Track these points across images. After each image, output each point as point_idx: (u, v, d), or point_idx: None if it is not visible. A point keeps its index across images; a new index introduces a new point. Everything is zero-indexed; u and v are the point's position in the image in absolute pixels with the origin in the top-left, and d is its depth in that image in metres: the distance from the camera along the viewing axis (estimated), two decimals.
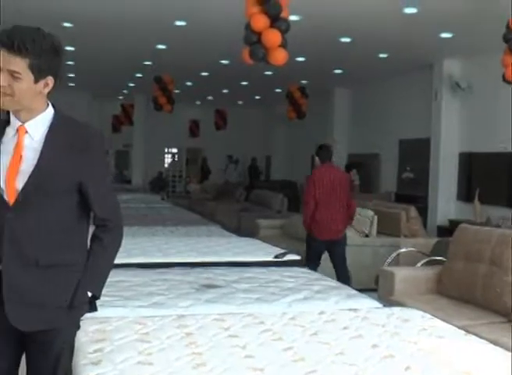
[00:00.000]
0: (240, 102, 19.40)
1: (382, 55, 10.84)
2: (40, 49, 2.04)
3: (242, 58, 5.59)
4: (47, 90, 2.14)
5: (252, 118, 20.50)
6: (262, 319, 3.23)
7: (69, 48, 10.15)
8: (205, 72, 13.34)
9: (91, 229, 2.31)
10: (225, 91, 16.71)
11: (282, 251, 5.51)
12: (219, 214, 11.71)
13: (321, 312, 3.48)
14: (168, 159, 22.05)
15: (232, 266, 4.86)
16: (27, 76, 2.05)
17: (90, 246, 2.26)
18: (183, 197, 17.00)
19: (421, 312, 3.61)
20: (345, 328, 3.18)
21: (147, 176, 18.83)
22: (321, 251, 6.21)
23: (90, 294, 2.23)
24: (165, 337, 2.83)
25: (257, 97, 18.16)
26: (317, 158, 6.34)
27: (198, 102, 19.84)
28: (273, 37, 5.15)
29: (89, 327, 2.89)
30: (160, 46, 10.57)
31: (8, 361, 2.27)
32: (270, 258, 5.22)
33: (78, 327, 2.33)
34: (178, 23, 8.80)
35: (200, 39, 9.82)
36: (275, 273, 4.61)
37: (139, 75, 14.02)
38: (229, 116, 19.25)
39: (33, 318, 2.14)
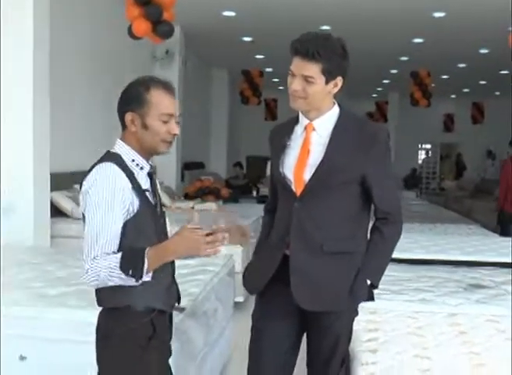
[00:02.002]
0: (497, 93, 18.16)
1: None
2: (331, 53, 2.17)
3: (505, 46, 5.25)
4: (335, 90, 2.26)
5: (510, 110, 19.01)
6: None
7: None
8: (462, 63, 12.78)
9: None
10: (482, 82, 15.82)
11: None
12: (476, 212, 11.19)
13: None
14: (421, 155, 21.60)
15: (497, 266, 4.61)
16: (319, 80, 2.19)
17: (371, 237, 2.34)
18: (437, 194, 16.52)
19: None
20: None
21: (401, 173, 18.63)
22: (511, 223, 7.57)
23: (369, 282, 2.31)
24: (438, 333, 2.79)
25: None
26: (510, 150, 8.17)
27: (453, 96, 19.07)
28: None
29: (360, 317, 2.97)
30: (417, 40, 10.40)
31: (290, 340, 2.45)
32: None
33: (356, 314, 2.43)
34: (436, 14, 8.56)
35: (458, 29, 9.44)
36: None
37: (394, 71, 13.97)
38: (486, 109, 18.14)
39: (316, 299, 2.28)
